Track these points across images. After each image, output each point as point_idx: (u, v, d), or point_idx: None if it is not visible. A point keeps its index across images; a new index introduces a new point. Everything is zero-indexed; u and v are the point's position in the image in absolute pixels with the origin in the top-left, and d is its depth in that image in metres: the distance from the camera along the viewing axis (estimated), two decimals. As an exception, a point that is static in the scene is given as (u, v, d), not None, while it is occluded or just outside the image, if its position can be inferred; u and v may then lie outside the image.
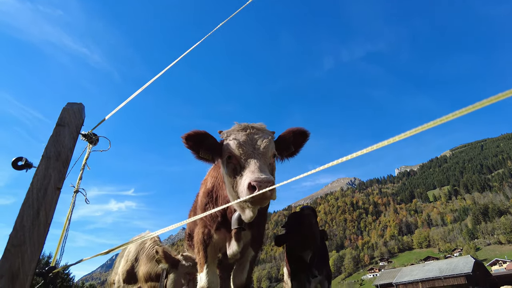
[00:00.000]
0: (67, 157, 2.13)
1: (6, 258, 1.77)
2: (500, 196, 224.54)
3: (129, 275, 4.39)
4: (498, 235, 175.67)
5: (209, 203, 3.26)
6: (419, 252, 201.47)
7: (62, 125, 2.21)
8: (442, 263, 76.78)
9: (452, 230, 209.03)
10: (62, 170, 2.08)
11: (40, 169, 2.02)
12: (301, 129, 2.86)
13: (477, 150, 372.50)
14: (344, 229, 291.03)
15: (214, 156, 2.71)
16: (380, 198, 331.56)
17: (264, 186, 2.10)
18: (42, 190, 1.95)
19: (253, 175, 2.19)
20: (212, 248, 3.27)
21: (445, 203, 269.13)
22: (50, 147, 2.11)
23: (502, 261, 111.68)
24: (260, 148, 2.50)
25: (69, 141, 2.18)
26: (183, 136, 2.62)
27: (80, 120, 2.31)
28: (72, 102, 2.36)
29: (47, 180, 1.99)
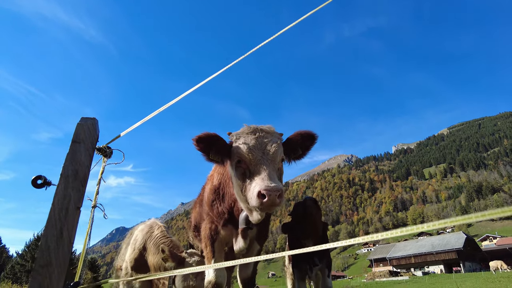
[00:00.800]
0: (85, 175, 2.15)
1: (35, 278, 1.83)
2: (495, 174, 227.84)
3: (137, 263, 4.43)
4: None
5: (216, 200, 3.32)
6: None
7: (77, 141, 2.22)
8: (434, 238, 78.88)
9: (446, 207, 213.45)
10: (81, 189, 2.10)
11: (59, 189, 2.05)
12: (309, 132, 2.87)
13: (474, 128, 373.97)
14: (340, 205, 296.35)
15: (223, 158, 2.72)
16: (376, 175, 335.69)
17: (274, 194, 2.17)
18: (63, 210, 1.99)
19: (263, 183, 2.24)
20: (219, 243, 3.36)
21: (440, 181, 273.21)
22: (68, 165, 2.12)
23: (492, 236, 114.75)
24: (270, 153, 2.53)
25: (85, 159, 2.20)
26: (194, 139, 2.61)
27: (95, 136, 2.31)
28: (85, 117, 2.35)
29: (67, 199, 2.02)
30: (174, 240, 4.45)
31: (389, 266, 72.49)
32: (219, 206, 3.30)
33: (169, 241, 4.41)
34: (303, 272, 4.95)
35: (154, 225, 4.77)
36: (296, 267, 5.01)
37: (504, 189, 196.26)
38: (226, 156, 2.70)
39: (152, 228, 4.67)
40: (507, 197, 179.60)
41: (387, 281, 49.11)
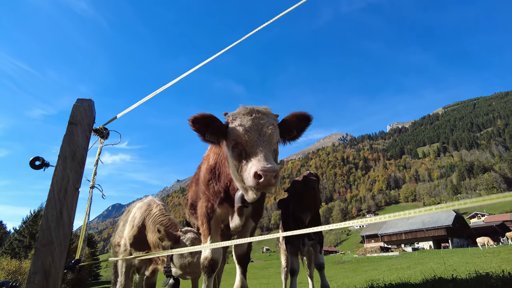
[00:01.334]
0: (82, 156, 2.18)
1: (38, 257, 1.89)
2: (486, 154, 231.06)
3: (136, 240, 4.48)
4: (480, 191, 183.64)
5: (212, 179, 3.37)
6: (405, 206, 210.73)
7: (74, 123, 2.23)
8: (425, 216, 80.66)
9: (437, 186, 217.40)
10: (79, 171, 2.14)
11: (58, 170, 2.08)
12: (304, 114, 2.87)
13: (469, 108, 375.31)
14: (334, 182, 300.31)
15: (219, 139, 2.73)
16: (370, 153, 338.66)
17: (270, 175, 2.23)
18: (62, 191, 2.03)
19: (259, 164, 2.29)
20: (215, 221, 3.44)
21: (434, 160, 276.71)
22: (65, 146, 2.15)
23: (480, 214, 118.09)
24: (266, 135, 2.56)
25: (83, 140, 2.22)
26: (190, 119, 2.62)
27: (92, 117, 2.33)
28: (81, 99, 2.35)
29: (66, 180, 2.06)
30: (172, 218, 4.51)
31: (380, 242, 74.55)
32: (215, 185, 3.35)
33: (167, 219, 4.46)
34: (296, 247, 5.05)
35: (152, 203, 4.80)
36: (289, 243, 5.10)
37: (495, 169, 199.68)
38: (222, 136, 2.71)
39: (151, 206, 4.71)
40: (497, 176, 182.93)
41: (378, 257, 50.62)
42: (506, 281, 3.47)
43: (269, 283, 24.69)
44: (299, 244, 4.97)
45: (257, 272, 43.96)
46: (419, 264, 24.16)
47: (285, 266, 5.60)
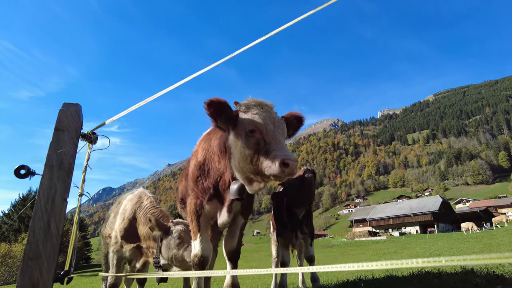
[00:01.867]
0: (70, 165, 2.09)
1: (24, 271, 1.82)
2: (474, 141, 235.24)
3: (127, 232, 4.47)
4: (466, 177, 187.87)
5: (201, 176, 3.34)
6: (393, 191, 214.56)
7: (61, 129, 2.14)
8: (413, 202, 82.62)
9: (426, 172, 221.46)
10: (67, 180, 2.05)
11: (44, 179, 2.00)
12: (298, 114, 2.95)
13: (459, 96, 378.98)
14: (324, 168, 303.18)
15: (228, 126, 2.72)
16: (361, 139, 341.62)
17: (294, 165, 2.30)
18: (49, 202, 1.96)
19: (285, 153, 2.35)
20: (204, 218, 3.42)
21: (423, 146, 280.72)
22: (52, 154, 2.06)
23: (466, 200, 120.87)
24: (280, 127, 2.62)
25: (70, 147, 2.12)
26: (206, 102, 2.61)
27: (79, 122, 2.23)
28: (68, 103, 2.25)
29: (53, 190, 1.99)
30: (163, 211, 4.51)
31: (369, 227, 76.17)
32: (204, 181, 3.32)
33: (158, 211, 4.46)
34: (288, 240, 5.07)
35: (143, 195, 4.77)
36: (281, 235, 5.12)
37: (481, 156, 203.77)
38: (232, 124, 2.70)
39: (141, 198, 4.69)
40: (483, 163, 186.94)
41: (366, 241, 51.83)
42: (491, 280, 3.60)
43: (259, 266, 25.19)
44: (291, 237, 4.97)
45: (247, 255, 44.68)
46: (406, 249, 24.87)
47: (276, 257, 5.65)
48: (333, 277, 15.00)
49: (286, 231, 4.98)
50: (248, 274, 3.85)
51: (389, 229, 73.29)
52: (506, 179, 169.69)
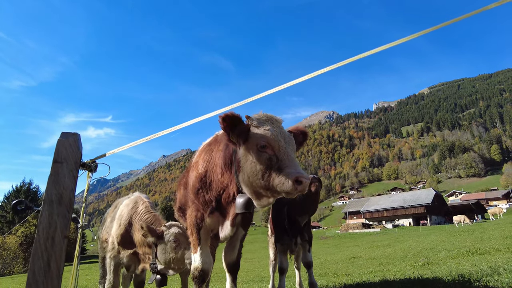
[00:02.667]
0: (70, 199, 2.01)
1: None
2: (467, 134, 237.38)
3: (123, 238, 4.44)
4: (459, 170, 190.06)
5: (202, 188, 3.27)
6: (387, 183, 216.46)
7: (59, 161, 2.06)
8: (406, 194, 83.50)
9: (419, 164, 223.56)
10: (67, 215, 1.97)
11: (44, 216, 1.93)
12: (302, 129, 2.95)
13: (454, 89, 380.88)
14: (319, 160, 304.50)
15: (240, 141, 2.67)
16: (356, 132, 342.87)
17: (307, 182, 2.31)
18: (49, 240, 1.88)
19: (299, 171, 2.35)
20: (205, 231, 3.36)
21: (417, 139, 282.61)
22: (51, 188, 1.98)
23: (458, 192, 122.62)
24: (291, 143, 2.63)
25: (69, 180, 2.04)
26: (221, 116, 2.57)
27: (78, 154, 2.15)
28: (66, 133, 2.18)
29: (53, 228, 1.91)
30: (156, 215, 4.47)
31: (362, 219, 77.01)
32: (205, 194, 3.25)
33: (152, 216, 4.42)
34: (286, 246, 5.04)
35: (139, 200, 4.74)
36: (280, 241, 5.08)
37: (474, 149, 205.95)
38: (243, 139, 2.66)
39: (137, 203, 4.66)
40: (476, 156, 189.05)
41: (359, 233, 52.44)
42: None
43: (254, 258, 25.41)
44: (291, 244, 4.93)
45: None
46: (399, 242, 25.19)
47: (273, 260, 5.63)
48: (326, 262, 15.19)
49: (285, 238, 4.94)
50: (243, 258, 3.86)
51: (382, 221, 74.18)
52: (498, 172, 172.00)
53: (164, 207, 69.38)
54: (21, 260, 33.53)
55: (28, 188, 48.74)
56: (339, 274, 9.76)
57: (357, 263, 13.98)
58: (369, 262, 13.23)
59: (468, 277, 5.21)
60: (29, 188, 48.81)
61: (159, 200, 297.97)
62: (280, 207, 4.97)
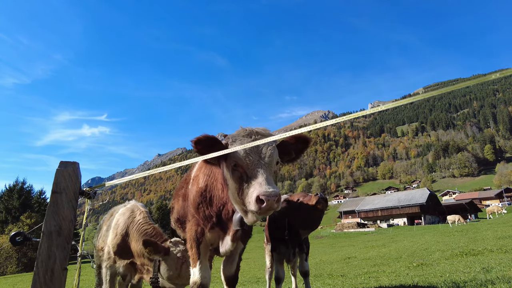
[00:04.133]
0: (70, 230, 1.98)
1: None
2: (461, 134, 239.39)
3: (120, 248, 4.37)
4: (453, 169, 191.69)
5: (203, 203, 3.24)
6: (382, 183, 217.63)
7: (58, 192, 2.02)
8: (401, 194, 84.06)
9: (414, 164, 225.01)
10: (66, 247, 1.93)
11: (43, 248, 1.88)
12: (303, 136, 2.80)
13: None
14: (314, 159, 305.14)
15: (220, 160, 2.68)
16: (351, 131, 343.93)
17: (272, 199, 2.20)
18: (48, 273, 1.83)
19: (261, 188, 2.25)
20: (204, 245, 3.37)
21: (412, 139, 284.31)
22: (50, 220, 1.96)
23: (452, 192, 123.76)
24: (266, 157, 2.50)
25: (68, 211, 2.01)
26: (193, 141, 2.55)
27: (77, 184, 2.11)
28: (65, 162, 2.14)
29: (52, 260, 1.87)
30: (156, 228, 4.40)
31: (357, 218, 77.33)
32: (206, 209, 3.23)
33: (152, 228, 4.34)
34: (282, 255, 5.02)
35: (136, 209, 4.66)
36: (277, 251, 5.05)
37: (468, 149, 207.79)
38: (222, 158, 2.65)
39: (134, 212, 4.58)
40: (470, 156, 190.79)
41: (354, 232, 52.67)
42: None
43: (249, 258, 25.37)
44: (288, 254, 4.92)
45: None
46: (394, 242, 25.35)
47: (269, 267, 5.62)
48: (321, 263, 15.22)
49: (282, 247, 4.92)
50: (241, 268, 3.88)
51: (377, 220, 74.54)
52: (491, 171, 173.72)
53: (159, 206, 69.10)
54: (14, 261, 33.27)
55: (22, 187, 48.24)
56: (334, 275, 9.79)
57: (352, 263, 14.03)
58: (364, 263, 13.29)
59: (460, 281, 5.27)
60: (22, 187, 48.31)
61: (154, 199, 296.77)
62: (279, 217, 4.88)
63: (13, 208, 44.87)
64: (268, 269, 5.63)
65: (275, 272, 5.03)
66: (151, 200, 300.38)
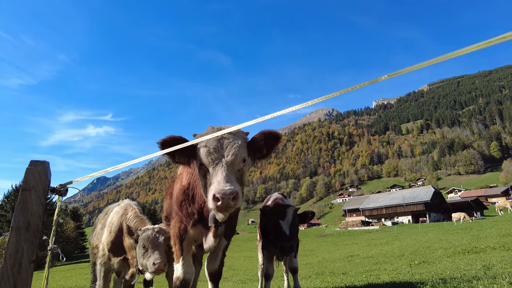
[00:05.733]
0: (38, 225, 2.06)
1: None
2: (467, 132, 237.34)
3: (113, 245, 4.56)
4: (459, 167, 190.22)
5: (185, 201, 3.34)
6: (386, 181, 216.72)
7: (28, 189, 2.10)
8: (405, 192, 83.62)
9: (419, 162, 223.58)
10: (34, 241, 2.02)
11: (11, 243, 1.97)
12: (273, 132, 2.84)
13: (453, 86, 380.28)
14: (319, 157, 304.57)
15: (189, 160, 2.78)
16: (355, 129, 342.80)
17: (227, 198, 2.28)
18: (16, 265, 1.94)
19: (218, 187, 2.34)
20: (187, 242, 3.48)
21: (416, 136, 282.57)
22: (18, 215, 2.03)
23: (457, 189, 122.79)
24: (229, 156, 2.57)
25: (37, 207, 2.09)
26: (159, 142, 2.66)
27: (46, 181, 2.18)
28: (35, 161, 2.21)
29: (20, 253, 1.96)
30: (144, 219, 4.60)
31: (362, 216, 77.13)
32: (188, 206, 3.32)
33: (139, 220, 4.55)
34: (272, 253, 5.10)
35: (129, 207, 4.85)
36: (266, 249, 5.17)
37: (473, 146, 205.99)
38: (192, 157, 2.74)
39: (127, 210, 4.78)
40: (475, 153, 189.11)
41: (358, 230, 52.60)
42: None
43: (252, 256, 25.48)
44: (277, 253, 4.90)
45: (241, 244, 45.14)
46: (397, 240, 25.31)
47: (262, 264, 5.72)
48: (324, 261, 15.27)
49: (271, 245, 4.97)
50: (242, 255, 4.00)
51: (381, 218, 74.29)
52: (497, 168, 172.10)
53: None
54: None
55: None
56: (336, 273, 9.86)
57: (354, 261, 14.07)
58: (366, 261, 13.33)
59: (459, 277, 5.29)
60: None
61: (159, 198, 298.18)
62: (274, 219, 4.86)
63: (20, 208, 45.37)
64: (261, 266, 5.72)
65: (265, 269, 5.13)
66: (156, 199, 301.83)
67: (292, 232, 4.56)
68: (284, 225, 4.51)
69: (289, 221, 4.57)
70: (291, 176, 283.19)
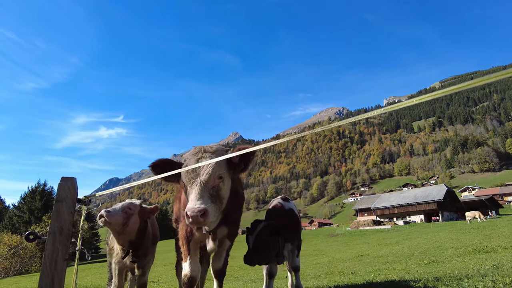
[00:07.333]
0: (69, 230, 2.60)
1: None
2: (481, 129, 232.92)
3: None
4: (473, 165, 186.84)
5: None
6: (398, 179, 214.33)
7: (60, 201, 2.64)
8: (417, 190, 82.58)
9: (431, 160, 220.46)
10: (66, 243, 2.54)
11: (49, 244, 2.50)
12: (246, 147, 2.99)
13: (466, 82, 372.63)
14: (329, 156, 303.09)
15: (178, 179, 3.09)
16: (366, 127, 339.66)
17: (195, 215, 2.61)
18: (53, 263, 2.45)
19: (189, 205, 2.69)
20: (194, 243, 3.83)
21: (429, 134, 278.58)
22: (54, 222, 2.57)
23: (471, 188, 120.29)
24: (204, 175, 2.87)
25: (68, 216, 2.62)
26: (150, 166, 3.04)
27: (75, 194, 2.73)
28: (66, 177, 2.75)
29: (56, 253, 2.48)
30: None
31: (373, 216, 76.46)
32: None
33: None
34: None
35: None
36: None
37: (488, 143, 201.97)
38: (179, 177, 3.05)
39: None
40: (490, 150, 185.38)
41: (370, 230, 52.22)
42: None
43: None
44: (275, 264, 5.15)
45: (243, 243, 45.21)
46: (408, 239, 25.11)
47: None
48: (334, 260, 15.32)
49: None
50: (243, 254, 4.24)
51: (393, 218, 73.53)
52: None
53: (175, 206, 70.18)
54: (38, 259, 34.51)
55: (43, 189, 49.99)
56: (345, 273, 9.92)
57: (364, 261, 14.09)
58: (376, 260, 13.34)
59: (465, 276, 5.35)
60: (43, 189, 50.06)
61: (170, 198, 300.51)
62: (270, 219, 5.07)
63: (36, 209, 46.57)
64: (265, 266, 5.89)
65: (268, 268, 5.29)
66: (168, 199, 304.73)
67: (256, 245, 4.58)
68: (250, 239, 4.67)
69: (254, 236, 4.70)
70: (301, 175, 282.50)
